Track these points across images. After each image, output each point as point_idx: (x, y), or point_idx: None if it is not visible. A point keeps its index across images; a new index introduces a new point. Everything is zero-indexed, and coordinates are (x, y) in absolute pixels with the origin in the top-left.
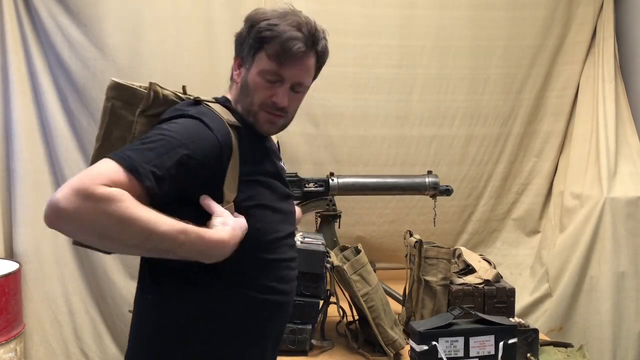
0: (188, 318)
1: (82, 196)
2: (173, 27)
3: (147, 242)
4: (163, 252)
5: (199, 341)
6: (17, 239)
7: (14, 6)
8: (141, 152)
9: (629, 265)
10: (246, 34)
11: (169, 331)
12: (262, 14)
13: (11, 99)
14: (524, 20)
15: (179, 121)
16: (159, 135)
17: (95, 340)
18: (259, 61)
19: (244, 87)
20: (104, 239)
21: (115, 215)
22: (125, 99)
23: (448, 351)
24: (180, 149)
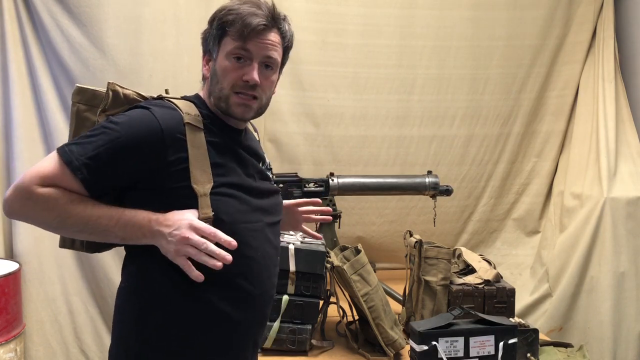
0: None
1: (22, 197)
2: (173, 27)
3: (86, 228)
4: (103, 234)
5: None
6: (17, 239)
7: (14, 6)
8: (82, 145)
9: (629, 265)
10: (209, 28)
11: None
12: (222, 7)
13: (11, 99)
14: (524, 20)
15: (127, 113)
16: (101, 128)
17: (95, 340)
18: (224, 46)
19: (213, 76)
20: (51, 228)
21: (51, 213)
22: (87, 102)
23: (448, 351)
24: (117, 140)
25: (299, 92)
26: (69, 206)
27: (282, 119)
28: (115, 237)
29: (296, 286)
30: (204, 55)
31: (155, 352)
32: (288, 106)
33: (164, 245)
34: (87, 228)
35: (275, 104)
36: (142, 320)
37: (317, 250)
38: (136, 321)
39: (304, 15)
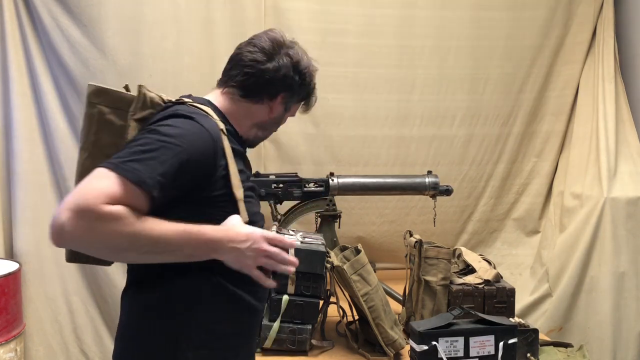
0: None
1: (89, 217)
2: (173, 27)
3: (156, 248)
4: (172, 253)
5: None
6: (17, 239)
7: (14, 6)
8: (145, 163)
9: (629, 265)
10: (299, 85)
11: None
12: (310, 69)
13: (11, 99)
14: (524, 20)
15: (172, 122)
16: (158, 142)
17: (95, 340)
18: (295, 104)
19: (277, 120)
20: (116, 252)
21: (123, 232)
22: (111, 104)
23: (448, 351)
24: (181, 154)
25: None
26: (139, 224)
27: None
28: (183, 256)
29: (296, 286)
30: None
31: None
32: None
33: (238, 259)
34: (157, 248)
35: None
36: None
37: (317, 250)
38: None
39: (304, 15)
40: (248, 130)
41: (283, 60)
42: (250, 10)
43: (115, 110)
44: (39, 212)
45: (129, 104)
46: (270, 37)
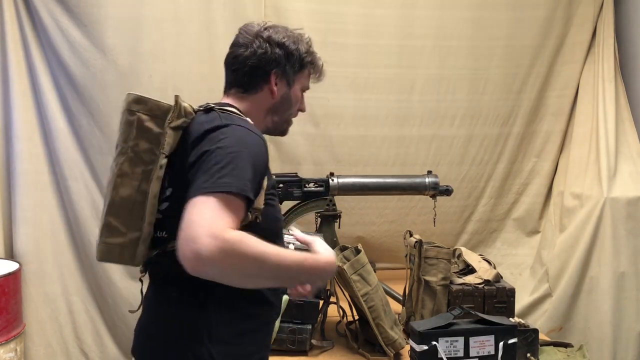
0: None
1: (219, 243)
2: (173, 27)
3: (280, 273)
4: (288, 279)
5: None
6: (17, 239)
7: (14, 6)
8: (230, 175)
9: (629, 265)
10: (283, 57)
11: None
12: (292, 38)
13: (11, 99)
14: (524, 20)
15: (230, 133)
16: (229, 155)
17: (95, 340)
18: (301, 79)
19: (286, 100)
20: (245, 277)
21: (251, 255)
22: (149, 112)
23: (448, 351)
24: (250, 158)
25: None
26: (262, 247)
27: None
28: (297, 282)
29: None
30: (272, 72)
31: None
32: None
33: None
34: (280, 273)
35: None
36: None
37: None
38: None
39: (304, 15)
40: (263, 121)
41: (257, 42)
42: (250, 10)
43: (153, 118)
44: (39, 212)
45: (166, 112)
46: (243, 30)
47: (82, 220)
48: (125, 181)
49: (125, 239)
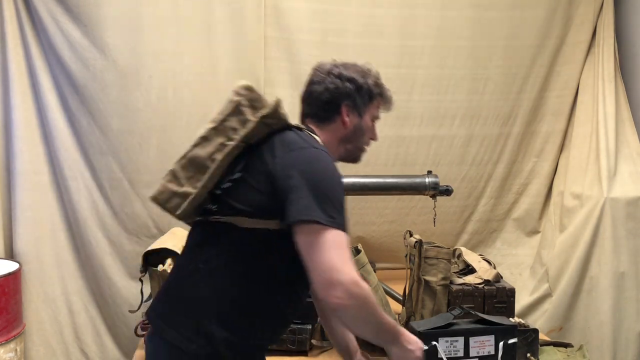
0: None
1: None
2: (173, 27)
3: (380, 333)
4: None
5: None
6: (17, 239)
7: (14, 6)
8: (338, 210)
9: (629, 265)
10: (354, 90)
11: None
12: (360, 72)
13: (11, 99)
14: (524, 20)
15: (323, 159)
16: (330, 183)
17: (95, 340)
18: (371, 109)
19: (358, 129)
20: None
21: (372, 311)
22: (251, 101)
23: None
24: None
25: (299, 92)
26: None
27: None
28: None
29: None
30: (344, 105)
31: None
32: (288, 106)
33: (398, 353)
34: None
35: None
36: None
37: None
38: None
39: (304, 15)
40: (337, 149)
41: (329, 79)
42: (250, 10)
43: (251, 106)
44: (39, 212)
45: (263, 107)
46: (316, 69)
47: (82, 220)
48: (205, 144)
49: (179, 189)
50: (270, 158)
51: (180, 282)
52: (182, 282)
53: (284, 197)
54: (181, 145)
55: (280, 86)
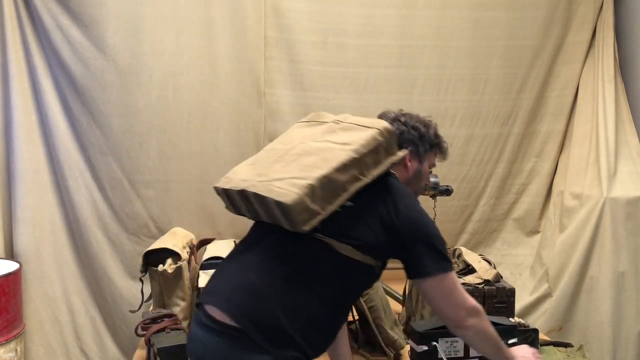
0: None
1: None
2: (173, 27)
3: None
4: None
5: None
6: (17, 239)
7: (14, 6)
8: (447, 253)
9: (629, 265)
10: (417, 137)
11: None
12: (423, 123)
13: (11, 99)
14: (524, 20)
15: (423, 210)
16: (437, 232)
17: (95, 340)
18: (429, 158)
19: (418, 174)
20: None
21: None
22: (387, 145)
23: (448, 351)
24: None
25: (299, 92)
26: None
27: (282, 119)
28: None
29: None
30: (408, 151)
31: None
32: (288, 106)
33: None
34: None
35: (275, 104)
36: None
37: None
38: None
39: (304, 15)
40: (414, 193)
41: (395, 124)
42: (250, 10)
43: (385, 150)
44: (39, 212)
45: (395, 153)
46: (382, 116)
47: (82, 220)
48: (344, 170)
49: (311, 206)
50: (391, 207)
51: (274, 288)
52: (276, 289)
53: (407, 252)
54: (181, 145)
55: (280, 86)
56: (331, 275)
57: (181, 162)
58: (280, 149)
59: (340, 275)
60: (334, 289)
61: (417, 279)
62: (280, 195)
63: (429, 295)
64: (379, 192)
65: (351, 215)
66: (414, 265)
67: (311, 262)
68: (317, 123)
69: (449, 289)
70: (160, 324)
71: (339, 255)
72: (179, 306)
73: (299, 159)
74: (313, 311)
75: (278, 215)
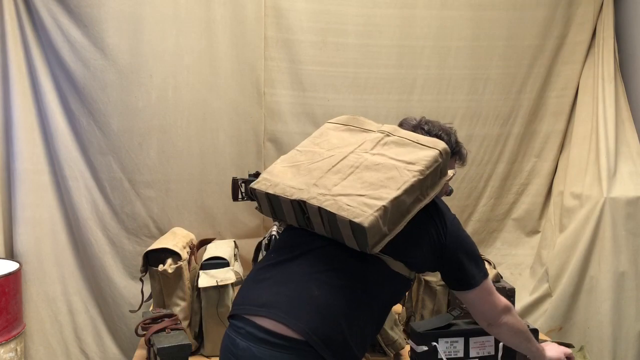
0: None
1: (512, 314)
2: (173, 27)
3: (530, 343)
4: (526, 350)
5: None
6: (17, 239)
7: (14, 6)
8: (483, 265)
9: (629, 265)
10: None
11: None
12: (445, 130)
13: (11, 99)
14: (524, 20)
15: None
16: (473, 244)
17: (95, 340)
18: (450, 165)
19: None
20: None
21: (519, 329)
22: (443, 166)
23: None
24: None
25: (299, 92)
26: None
27: (282, 119)
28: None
29: None
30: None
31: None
32: (288, 106)
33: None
34: (525, 345)
35: (275, 104)
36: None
37: None
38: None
39: (304, 15)
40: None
41: (417, 132)
42: (250, 10)
43: (442, 170)
44: (39, 212)
45: (447, 174)
46: (403, 123)
47: (82, 220)
48: (410, 192)
49: (382, 228)
50: (439, 226)
51: (337, 302)
52: (340, 303)
53: (453, 265)
54: (181, 145)
55: (280, 86)
56: (380, 288)
57: (181, 162)
58: (324, 155)
59: (387, 288)
60: (381, 301)
61: (465, 290)
62: (355, 216)
63: (475, 303)
64: (429, 211)
65: (405, 233)
66: (461, 278)
67: (365, 275)
68: (359, 130)
69: (490, 293)
70: (160, 324)
71: (389, 270)
72: (179, 306)
73: (359, 173)
74: (365, 323)
75: (346, 234)
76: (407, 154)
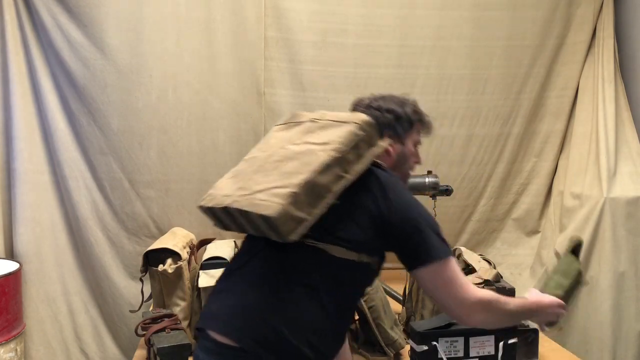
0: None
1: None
2: (173, 27)
3: (518, 317)
4: (524, 319)
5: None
6: (17, 239)
7: (14, 6)
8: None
9: (629, 265)
10: (393, 119)
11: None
12: (398, 103)
13: (11, 99)
14: (524, 20)
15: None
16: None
17: (95, 340)
18: (412, 135)
19: (402, 157)
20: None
21: (502, 309)
22: (368, 138)
23: (448, 351)
24: None
25: (299, 92)
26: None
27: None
28: (531, 320)
29: None
30: (386, 136)
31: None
32: (288, 106)
33: (546, 319)
34: (518, 317)
35: (275, 104)
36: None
37: None
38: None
39: (304, 15)
40: (404, 176)
41: (369, 111)
42: (250, 10)
43: (366, 143)
44: (39, 212)
45: (377, 144)
46: (356, 105)
47: (82, 220)
48: (326, 171)
49: (296, 214)
50: (380, 199)
51: (273, 304)
52: (276, 304)
53: (401, 241)
54: (181, 145)
55: (280, 86)
56: (330, 280)
57: (181, 162)
58: (260, 157)
59: (339, 278)
60: (335, 294)
61: (415, 269)
62: (263, 209)
63: (429, 286)
64: (365, 186)
65: (339, 214)
66: (410, 254)
67: (307, 270)
68: (295, 124)
69: (449, 277)
70: (160, 324)
71: (333, 258)
72: (179, 306)
73: (279, 166)
74: (318, 320)
75: (264, 228)
76: (327, 135)
